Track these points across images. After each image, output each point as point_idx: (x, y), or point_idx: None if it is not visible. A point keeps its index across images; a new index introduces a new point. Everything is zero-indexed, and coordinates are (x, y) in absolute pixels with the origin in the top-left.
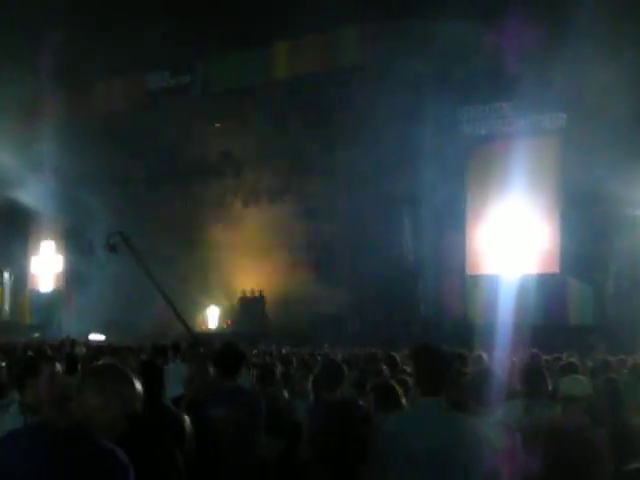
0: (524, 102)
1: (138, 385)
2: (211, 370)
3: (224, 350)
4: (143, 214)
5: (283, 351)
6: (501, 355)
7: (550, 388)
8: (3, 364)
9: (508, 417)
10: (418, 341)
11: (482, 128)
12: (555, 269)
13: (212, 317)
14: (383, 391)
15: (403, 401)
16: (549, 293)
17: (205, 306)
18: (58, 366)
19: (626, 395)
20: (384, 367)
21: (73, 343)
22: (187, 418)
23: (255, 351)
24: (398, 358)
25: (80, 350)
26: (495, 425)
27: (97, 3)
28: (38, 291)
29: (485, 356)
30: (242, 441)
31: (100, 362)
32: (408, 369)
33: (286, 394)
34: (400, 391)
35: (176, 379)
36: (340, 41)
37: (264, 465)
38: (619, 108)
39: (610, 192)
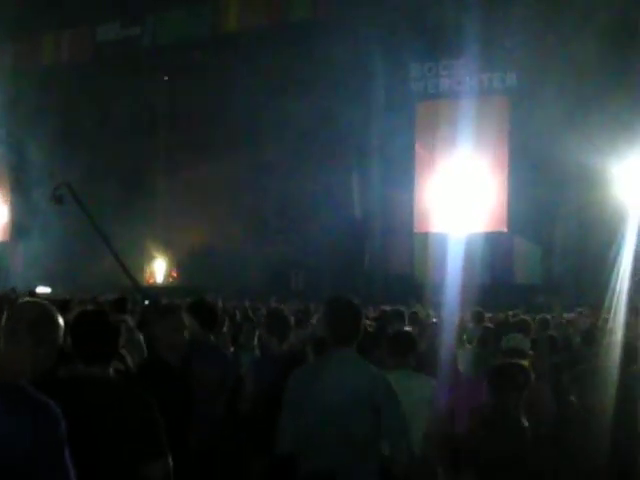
0: (474, 61)
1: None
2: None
3: (200, 304)
4: (90, 166)
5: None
6: (448, 313)
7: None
8: None
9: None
10: (361, 298)
11: (431, 86)
12: (503, 227)
13: (159, 270)
14: (319, 343)
15: None
16: (497, 252)
17: (152, 259)
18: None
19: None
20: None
21: (16, 297)
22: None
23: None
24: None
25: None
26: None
27: None
28: None
29: (424, 313)
30: (213, 398)
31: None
32: None
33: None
34: None
35: None
36: None
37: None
38: (568, 67)
39: (558, 152)
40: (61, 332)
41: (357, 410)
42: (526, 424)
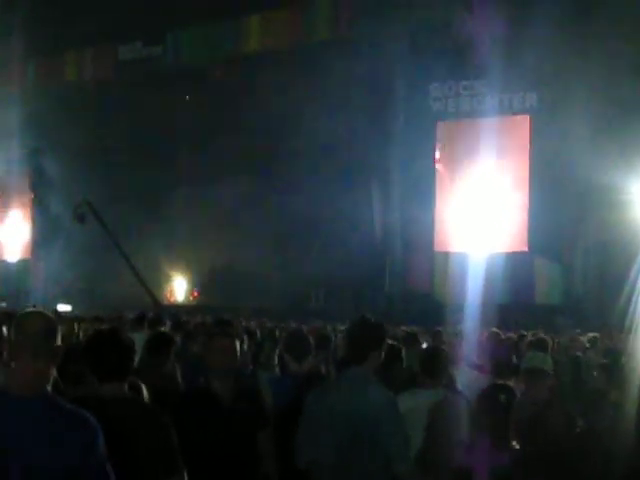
0: (495, 81)
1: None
2: None
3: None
4: (112, 184)
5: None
6: (468, 332)
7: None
8: None
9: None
10: (381, 317)
11: (451, 105)
12: (524, 248)
13: (179, 289)
14: (341, 363)
15: None
16: (517, 272)
17: (172, 278)
18: None
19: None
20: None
21: (57, 314)
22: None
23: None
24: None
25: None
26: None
27: None
28: (5, 261)
29: (447, 332)
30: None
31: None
32: None
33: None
34: None
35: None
36: (312, 14)
37: None
38: (589, 87)
39: (579, 172)
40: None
41: (361, 429)
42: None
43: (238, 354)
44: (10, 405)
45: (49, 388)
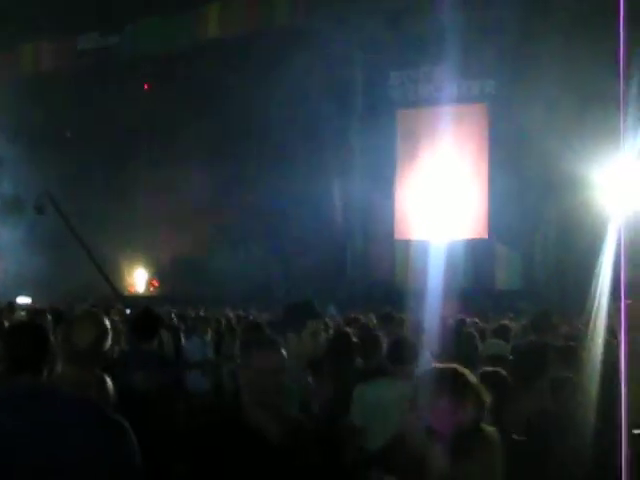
0: (453, 68)
1: None
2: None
3: (139, 315)
4: (72, 175)
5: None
6: (430, 319)
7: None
8: None
9: None
10: (345, 305)
11: (411, 93)
12: (484, 234)
13: (140, 280)
14: None
15: None
16: (478, 258)
17: (133, 269)
18: None
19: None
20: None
21: (12, 307)
22: (108, 379)
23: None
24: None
25: (19, 314)
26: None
27: None
28: None
29: (410, 319)
30: (164, 406)
31: None
32: None
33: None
34: None
35: None
36: (271, 2)
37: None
38: (546, 74)
39: (538, 159)
40: None
41: None
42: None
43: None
44: (55, 403)
45: (92, 392)
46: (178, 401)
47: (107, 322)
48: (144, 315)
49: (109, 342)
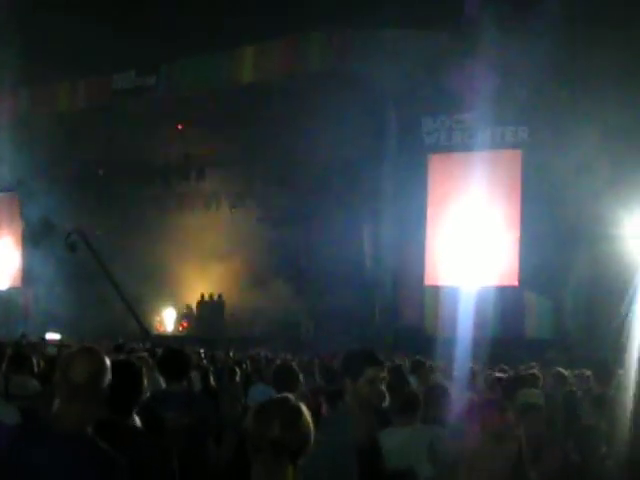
0: (486, 114)
1: None
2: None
3: (168, 355)
4: (104, 214)
5: (231, 354)
6: (459, 367)
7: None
8: None
9: None
10: (370, 350)
11: (443, 139)
12: (514, 282)
13: (169, 319)
14: (333, 397)
15: None
16: (507, 306)
17: (162, 308)
18: None
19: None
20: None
21: (44, 343)
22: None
23: (203, 354)
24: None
25: (52, 350)
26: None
27: (63, 3)
28: None
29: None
30: (193, 448)
31: None
32: None
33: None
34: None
35: None
36: (307, 46)
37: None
38: (580, 122)
39: (570, 205)
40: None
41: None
42: None
43: None
44: (50, 441)
45: (89, 429)
46: (207, 438)
47: (105, 359)
48: (174, 355)
49: (107, 379)
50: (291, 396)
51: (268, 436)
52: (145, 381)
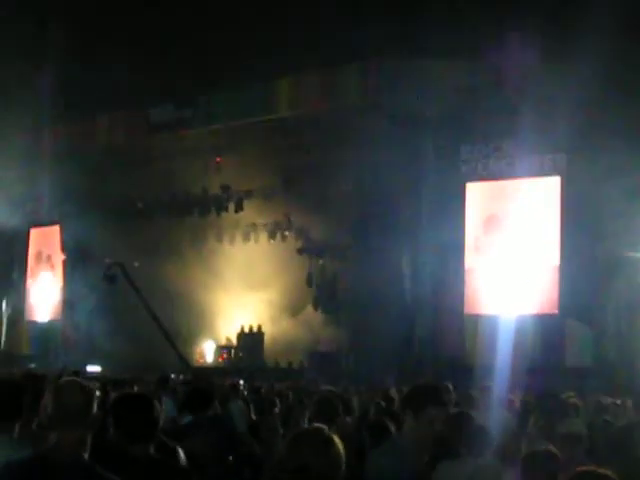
0: (524, 142)
1: None
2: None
3: (192, 391)
4: (143, 246)
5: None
6: (499, 395)
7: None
8: None
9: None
10: (411, 380)
11: (481, 167)
12: (554, 310)
13: (208, 351)
14: (376, 428)
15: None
16: (547, 334)
17: (202, 340)
18: None
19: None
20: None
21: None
22: (181, 451)
23: (245, 385)
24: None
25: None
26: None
27: (99, 37)
28: (35, 322)
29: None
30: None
31: None
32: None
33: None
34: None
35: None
36: (342, 78)
37: None
38: (620, 149)
39: (610, 233)
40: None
41: None
42: None
43: None
44: (48, 471)
45: (86, 455)
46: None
47: (93, 388)
48: (196, 389)
49: (95, 406)
50: (324, 426)
51: (298, 463)
52: (158, 411)
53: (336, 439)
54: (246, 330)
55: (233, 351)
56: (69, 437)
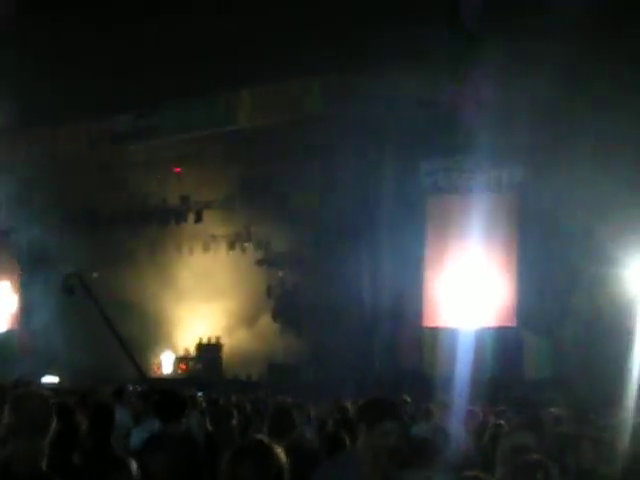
0: (484, 156)
1: None
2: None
3: (165, 397)
4: (102, 256)
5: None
6: (458, 408)
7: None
8: None
9: None
10: (370, 393)
11: (441, 181)
12: (512, 322)
13: (167, 362)
14: (332, 440)
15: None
16: (505, 346)
17: (160, 351)
18: None
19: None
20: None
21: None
22: (134, 463)
23: (203, 397)
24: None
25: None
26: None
27: (61, 45)
28: None
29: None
30: None
31: None
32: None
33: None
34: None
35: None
36: (303, 91)
37: None
38: (577, 162)
39: (568, 247)
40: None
41: None
42: None
43: None
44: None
45: (43, 465)
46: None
47: (50, 398)
48: (169, 397)
49: (54, 417)
50: (265, 438)
51: (240, 476)
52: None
53: (278, 451)
54: (204, 341)
55: (191, 362)
56: (27, 448)
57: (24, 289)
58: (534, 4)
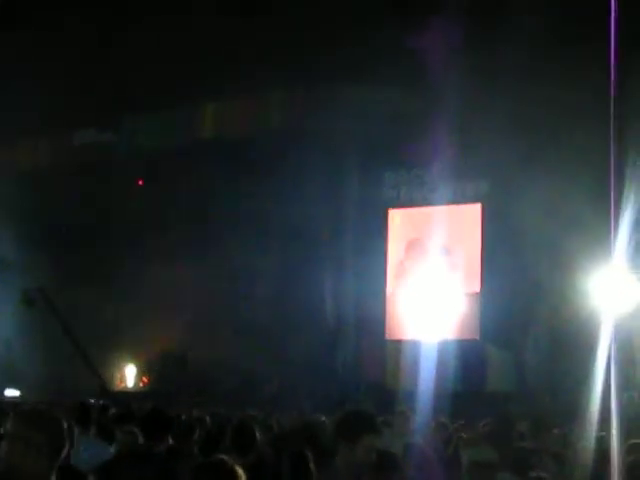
0: (446, 168)
1: None
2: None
3: (152, 415)
4: (62, 270)
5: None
6: (420, 421)
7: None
8: None
9: None
10: (336, 406)
11: (404, 193)
12: (475, 335)
13: (129, 375)
14: (298, 457)
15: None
16: (469, 359)
17: (123, 364)
18: None
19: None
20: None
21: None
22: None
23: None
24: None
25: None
26: None
27: (21, 58)
28: None
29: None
30: None
31: None
32: None
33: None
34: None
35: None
36: (266, 103)
37: None
38: (542, 174)
39: (531, 260)
40: None
41: None
42: None
43: None
44: None
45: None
46: None
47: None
48: (155, 415)
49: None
50: (227, 458)
51: None
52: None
53: (238, 470)
54: (167, 354)
55: (153, 375)
56: (28, 462)
57: None
58: (500, 19)
